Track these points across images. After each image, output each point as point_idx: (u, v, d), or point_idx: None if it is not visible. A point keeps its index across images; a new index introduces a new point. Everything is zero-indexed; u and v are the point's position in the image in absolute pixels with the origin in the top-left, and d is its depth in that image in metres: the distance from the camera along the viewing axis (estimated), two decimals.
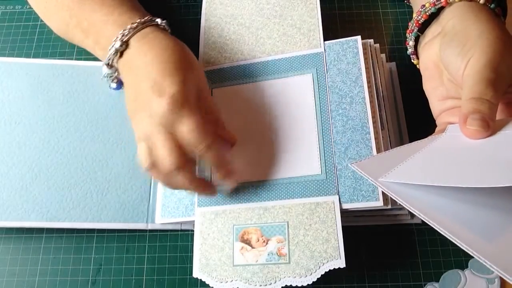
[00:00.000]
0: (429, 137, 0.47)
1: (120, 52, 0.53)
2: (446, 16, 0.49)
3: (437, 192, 0.38)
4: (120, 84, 0.59)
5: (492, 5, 0.48)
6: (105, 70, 0.56)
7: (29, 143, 0.59)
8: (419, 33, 0.53)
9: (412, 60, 0.55)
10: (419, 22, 0.52)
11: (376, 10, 0.69)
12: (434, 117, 0.51)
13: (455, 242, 0.34)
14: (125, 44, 0.52)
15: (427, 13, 0.51)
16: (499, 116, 0.44)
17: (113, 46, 0.52)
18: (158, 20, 0.55)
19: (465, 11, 0.47)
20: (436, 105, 0.50)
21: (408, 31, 0.53)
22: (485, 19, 0.46)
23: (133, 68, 0.52)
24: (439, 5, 0.49)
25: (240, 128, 0.57)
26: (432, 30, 0.51)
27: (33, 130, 0.60)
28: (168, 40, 0.52)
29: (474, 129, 0.41)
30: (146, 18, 0.54)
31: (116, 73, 0.57)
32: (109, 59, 0.53)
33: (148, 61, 0.50)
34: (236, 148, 0.56)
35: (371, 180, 0.42)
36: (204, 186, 0.52)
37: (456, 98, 0.48)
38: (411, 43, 0.54)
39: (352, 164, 0.45)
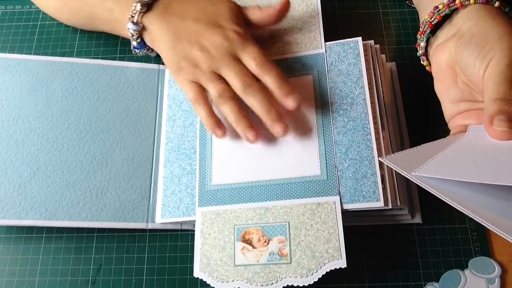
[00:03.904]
0: (452, 136, 0.48)
1: (148, 5, 0.57)
2: (461, 18, 0.49)
3: (466, 186, 0.39)
4: (142, 43, 0.60)
5: (507, 9, 0.48)
6: (131, 26, 0.57)
7: (27, 141, 0.59)
8: (430, 35, 0.52)
9: (422, 62, 0.55)
10: (432, 23, 0.51)
11: (376, 10, 0.69)
12: (446, 119, 0.51)
13: (497, 232, 0.35)
14: None
15: (441, 15, 0.50)
16: None
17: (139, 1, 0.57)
18: None
19: (482, 14, 0.47)
20: (448, 108, 0.50)
21: (419, 32, 0.53)
22: (503, 21, 0.46)
23: (170, 14, 0.57)
24: (454, 7, 0.49)
25: None
26: (445, 32, 0.50)
27: (31, 128, 0.60)
28: None
29: (502, 130, 0.41)
30: None
31: (140, 31, 0.58)
32: (136, 13, 0.57)
33: (189, 6, 0.57)
34: (237, 148, 0.56)
35: (404, 174, 0.43)
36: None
37: (470, 101, 0.48)
38: (422, 44, 0.53)
39: (383, 159, 0.45)
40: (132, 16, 0.57)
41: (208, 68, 0.54)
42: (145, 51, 0.61)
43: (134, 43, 0.59)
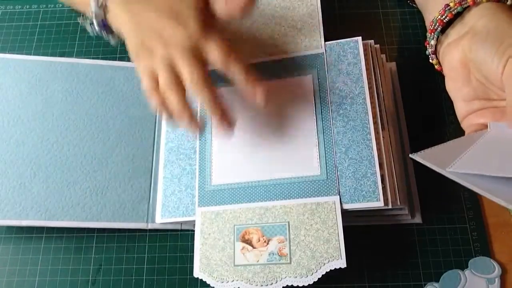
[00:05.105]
0: (475, 133, 0.48)
1: None
2: (473, 16, 0.48)
3: (501, 180, 0.40)
4: (103, 25, 0.56)
5: None
6: (94, 9, 0.54)
7: (27, 141, 0.59)
8: (440, 33, 0.52)
9: (431, 60, 0.54)
10: (444, 21, 0.51)
11: (376, 10, 0.69)
12: (459, 118, 0.51)
13: None
14: None
15: (453, 13, 0.50)
16: None
17: None
18: None
19: (495, 11, 0.47)
20: (461, 106, 0.50)
21: (429, 30, 0.53)
22: None
23: (133, 2, 0.53)
24: (466, 5, 0.49)
25: (241, 128, 0.57)
26: (457, 30, 0.50)
27: (31, 128, 0.60)
28: None
29: None
30: None
31: (104, 14, 0.55)
32: None
33: None
34: (237, 148, 0.56)
35: (439, 170, 0.42)
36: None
37: (485, 99, 0.48)
38: (432, 42, 0.53)
39: (414, 155, 0.45)
40: None
41: (163, 57, 0.50)
42: (107, 34, 0.57)
43: (95, 24, 0.56)
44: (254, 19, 0.62)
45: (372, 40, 0.58)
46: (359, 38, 0.57)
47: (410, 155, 0.45)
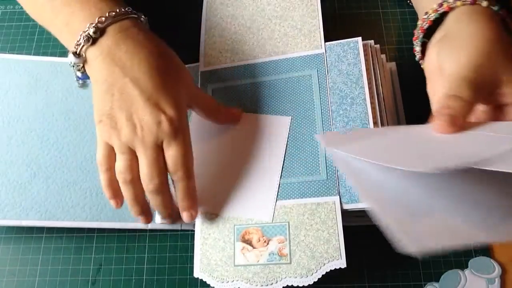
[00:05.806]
0: (410, 126, 0.48)
1: (92, 39, 0.49)
2: (450, 20, 0.49)
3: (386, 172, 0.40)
4: (86, 74, 0.53)
5: (496, 8, 0.48)
6: (72, 59, 0.51)
7: (27, 141, 0.59)
8: (425, 39, 0.53)
9: (422, 66, 0.55)
10: (424, 28, 0.52)
11: (376, 10, 0.69)
12: None
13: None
14: (100, 32, 0.49)
15: (431, 19, 0.51)
16: (486, 119, 0.46)
17: (86, 31, 0.49)
18: (140, 16, 0.53)
19: (467, 14, 0.48)
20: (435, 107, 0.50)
21: (414, 38, 0.54)
22: (481, 20, 0.46)
23: (115, 61, 0.49)
24: (442, 11, 0.50)
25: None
26: (437, 35, 0.51)
27: (31, 128, 0.60)
28: (154, 41, 0.52)
29: (440, 123, 0.42)
30: (127, 9, 0.51)
31: (83, 63, 0.51)
32: (79, 45, 0.50)
33: (136, 62, 0.49)
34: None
35: (327, 149, 0.44)
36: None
37: None
38: (417, 49, 0.54)
39: (317, 135, 0.46)
40: (77, 46, 0.50)
41: (125, 138, 0.49)
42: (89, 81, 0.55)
43: (77, 74, 0.53)
44: (254, 18, 0.63)
45: (372, 40, 0.58)
46: (359, 38, 0.57)
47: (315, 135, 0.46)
